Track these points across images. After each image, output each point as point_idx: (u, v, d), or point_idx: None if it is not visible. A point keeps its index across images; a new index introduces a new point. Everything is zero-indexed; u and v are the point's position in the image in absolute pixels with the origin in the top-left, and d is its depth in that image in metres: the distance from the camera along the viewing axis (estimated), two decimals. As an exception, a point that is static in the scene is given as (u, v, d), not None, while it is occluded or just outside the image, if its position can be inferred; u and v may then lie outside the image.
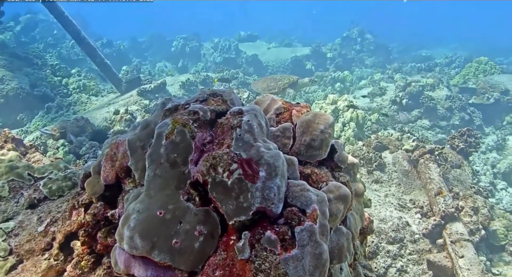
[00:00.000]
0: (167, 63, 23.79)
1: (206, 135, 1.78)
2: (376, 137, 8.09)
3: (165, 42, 26.69)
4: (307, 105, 2.43)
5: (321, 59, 21.54)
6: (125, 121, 10.12)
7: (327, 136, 2.06)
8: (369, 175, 7.28)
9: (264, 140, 1.72)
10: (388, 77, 16.65)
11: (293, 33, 31.85)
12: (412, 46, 29.62)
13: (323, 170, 2.06)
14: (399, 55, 26.38)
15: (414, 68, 18.11)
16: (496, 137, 11.48)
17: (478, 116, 12.38)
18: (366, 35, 23.81)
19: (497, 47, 29.74)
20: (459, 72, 16.44)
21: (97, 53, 12.78)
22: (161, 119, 1.93)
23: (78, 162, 7.91)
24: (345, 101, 9.88)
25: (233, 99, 2.05)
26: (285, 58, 21.63)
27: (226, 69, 16.99)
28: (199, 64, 22.08)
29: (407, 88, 12.43)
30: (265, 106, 2.41)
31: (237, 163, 1.56)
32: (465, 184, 7.31)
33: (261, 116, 1.88)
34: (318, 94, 15.48)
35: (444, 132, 11.55)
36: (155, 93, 12.39)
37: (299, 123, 2.11)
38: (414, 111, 12.07)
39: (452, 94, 12.63)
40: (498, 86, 12.93)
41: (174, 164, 1.64)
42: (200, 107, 1.87)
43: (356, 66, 21.03)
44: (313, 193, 1.64)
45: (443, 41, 34.30)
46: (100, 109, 12.11)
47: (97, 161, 2.17)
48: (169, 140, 1.67)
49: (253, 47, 23.75)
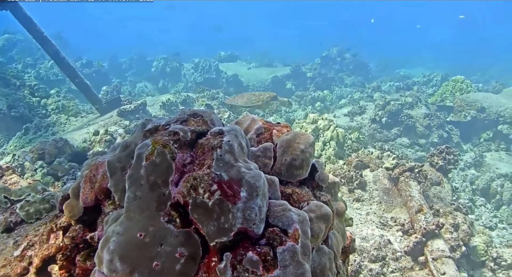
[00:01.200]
0: (148, 84, 23.77)
1: (187, 155, 1.77)
2: (357, 156, 8.15)
3: (146, 62, 26.71)
4: (287, 125, 2.45)
5: (301, 78, 21.76)
6: (105, 142, 10.02)
7: (307, 155, 2.07)
8: (350, 193, 7.31)
9: (245, 160, 1.72)
10: (367, 96, 16.87)
11: (273, 53, 32.23)
12: (391, 65, 30.23)
13: (304, 190, 2.06)
14: (378, 74, 26.87)
15: (393, 87, 18.41)
16: (474, 154, 11.66)
17: (456, 134, 12.59)
18: (345, 54, 24.20)
19: (472, 65, 30.53)
20: (436, 90, 16.75)
21: (76, 73, 12.70)
22: (141, 140, 1.92)
23: (56, 184, 7.79)
24: (325, 120, 9.95)
25: (213, 120, 2.06)
26: (265, 78, 21.81)
27: (206, 89, 17.02)
28: (179, 84, 22.11)
29: (386, 106, 12.59)
30: (246, 126, 2.41)
31: (218, 184, 1.55)
32: (445, 201, 7.38)
33: (242, 136, 1.88)
34: (299, 113, 15.60)
35: (424, 149, 11.70)
36: (136, 114, 12.32)
37: (279, 143, 2.12)
38: (393, 129, 12.22)
39: (431, 112, 12.83)
40: (475, 104, 13.19)
41: (154, 186, 1.62)
42: (181, 127, 1.87)
43: (336, 85, 21.28)
44: (294, 213, 1.64)
45: (421, 60, 35.10)
46: (79, 130, 11.99)
47: (76, 183, 2.14)
48: (149, 161, 1.66)
49: (233, 67, 23.91)
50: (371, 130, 12.48)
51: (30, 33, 11.84)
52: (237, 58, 27.05)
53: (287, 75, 21.84)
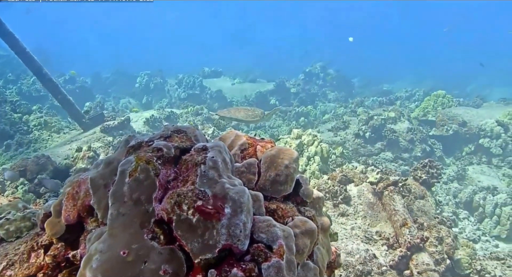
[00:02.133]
0: (131, 100, 23.70)
1: (171, 172, 1.76)
2: (341, 171, 8.18)
3: (129, 78, 26.66)
4: (271, 140, 2.45)
5: (285, 94, 21.89)
6: (87, 159, 9.92)
7: (291, 171, 2.07)
8: (335, 208, 7.31)
9: (229, 176, 1.72)
10: (351, 111, 17.01)
11: (257, 69, 32.40)
12: (373, 80, 30.59)
13: (289, 205, 2.06)
14: (361, 90, 27.19)
15: (376, 102, 18.59)
16: (456, 168, 11.79)
17: (438, 148, 12.74)
18: (328, 70, 24.46)
19: (453, 80, 31.08)
20: (419, 105, 16.98)
21: (59, 89, 12.59)
22: (125, 156, 1.90)
23: (38, 201, 7.68)
24: (309, 136, 9.99)
25: (197, 136, 2.05)
26: (249, 94, 21.90)
27: (190, 105, 17.01)
28: (163, 100, 22.09)
29: (369, 121, 12.70)
30: (230, 142, 2.41)
31: (202, 200, 1.55)
32: (429, 214, 7.42)
33: (226, 152, 1.88)
34: (283, 129, 15.66)
35: (407, 163, 11.79)
36: (119, 130, 12.24)
37: (263, 158, 2.12)
38: (377, 144, 12.31)
39: (413, 127, 12.98)
40: (456, 118, 13.39)
41: (137, 202, 1.61)
42: (164, 144, 1.86)
43: (320, 100, 21.44)
44: (279, 228, 1.64)
45: (403, 75, 35.60)
46: (62, 146, 11.85)
47: (58, 200, 2.11)
48: (133, 177, 1.64)
49: (217, 83, 23.99)
50: (355, 145, 12.55)
51: (12, 48, 11.73)
52: (221, 74, 27.14)
53: (271, 90, 21.95)
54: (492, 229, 9.30)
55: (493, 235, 9.22)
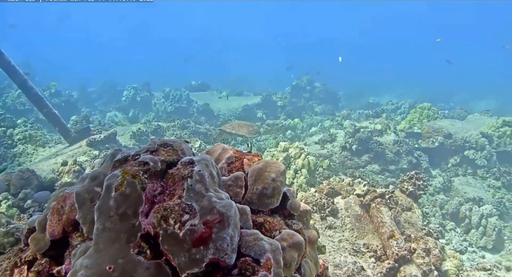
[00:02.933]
0: (118, 113, 23.55)
1: (157, 186, 1.75)
2: (328, 183, 8.18)
3: (116, 91, 26.56)
4: (258, 153, 2.46)
5: (272, 107, 21.96)
6: (73, 173, 9.82)
7: (278, 184, 2.07)
8: (322, 221, 7.31)
9: (216, 189, 1.71)
10: (337, 124, 17.10)
11: (244, 82, 32.55)
12: (360, 93, 30.85)
13: (276, 218, 2.06)
14: (347, 103, 27.42)
15: (362, 115, 18.70)
16: (442, 179, 11.88)
17: (424, 160, 12.83)
18: (315, 83, 24.59)
19: (437, 92, 31.51)
20: (404, 117, 17.14)
21: (44, 103, 12.48)
22: (111, 170, 1.89)
23: (22, 216, 7.56)
24: (296, 148, 10.01)
25: (183, 149, 2.05)
26: (236, 107, 21.93)
27: (177, 118, 16.98)
28: (150, 113, 21.99)
29: (356, 134, 12.76)
30: (216, 155, 2.41)
31: (189, 214, 1.54)
32: (416, 226, 7.45)
33: (213, 166, 1.88)
34: (270, 142, 15.66)
35: (394, 176, 11.84)
36: (105, 144, 12.14)
37: (250, 171, 2.12)
38: (363, 156, 12.36)
39: (399, 139, 13.06)
40: (442, 130, 13.53)
41: (124, 217, 1.59)
42: (151, 157, 1.85)
43: (306, 113, 21.52)
44: (266, 242, 1.63)
45: (389, 88, 35.98)
46: (47, 160, 11.72)
47: (42, 215, 2.09)
48: (119, 192, 1.63)
49: (204, 96, 23.99)
50: (341, 158, 12.58)
51: (-4, 62, 11.63)
52: (208, 87, 27.19)
53: (258, 104, 22.00)
54: (479, 240, 9.36)
55: (479, 246, 9.27)
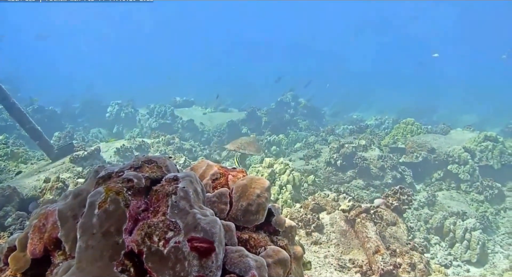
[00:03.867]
0: (102, 129, 23.39)
1: (141, 203, 1.74)
2: (313, 199, 8.19)
3: (100, 107, 26.36)
4: (243, 170, 2.46)
5: (257, 123, 21.99)
6: (56, 190, 9.68)
7: (263, 200, 2.07)
8: (307, 236, 7.29)
9: (200, 206, 1.71)
10: (322, 139, 17.17)
11: (228, 98, 32.64)
12: (344, 109, 31.10)
13: (261, 235, 2.06)
14: (332, 118, 27.62)
15: (347, 130, 18.84)
16: (426, 194, 11.95)
17: (409, 174, 12.91)
18: (299, 99, 24.76)
19: (421, 107, 31.96)
20: (388, 132, 17.27)
21: (27, 119, 12.34)
22: (94, 187, 1.87)
23: (2, 234, 7.42)
24: (281, 164, 10.02)
25: (168, 166, 2.04)
26: (221, 123, 21.93)
27: (162, 134, 16.91)
28: (134, 130, 21.89)
29: (340, 149, 12.81)
30: (201, 172, 2.41)
31: (173, 231, 1.53)
32: (401, 241, 7.47)
33: (197, 182, 1.87)
34: (255, 157, 15.67)
35: (378, 191, 11.89)
36: (89, 160, 12.04)
37: (235, 188, 2.12)
38: (348, 171, 12.41)
39: (384, 154, 13.14)
40: (425, 145, 13.66)
41: (107, 234, 1.57)
42: (134, 174, 1.84)
43: (291, 129, 21.58)
44: (251, 258, 1.62)
45: (372, 103, 36.33)
46: (29, 177, 11.55)
47: (23, 233, 2.05)
48: (102, 209, 1.62)
49: (189, 112, 23.96)
50: (326, 173, 12.62)
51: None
52: (192, 103, 27.17)
53: (243, 119, 22.02)
54: (463, 253, 9.40)
55: (464, 259, 9.31)
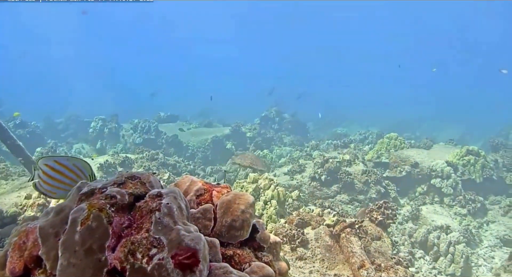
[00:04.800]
0: (85, 145, 23.19)
1: (124, 219, 1.72)
2: (298, 214, 8.18)
3: (83, 123, 26.18)
4: (227, 185, 2.46)
5: (241, 138, 22.03)
6: (37, 206, 9.53)
7: (248, 216, 2.07)
8: (292, 252, 7.27)
9: (184, 222, 1.70)
10: (306, 154, 17.21)
11: (213, 114, 32.71)
12: (328, 124, 31.32)
13: (246, 251, 2.05)
14: (316, 133, 27.82)
15: (331, 145, 18.94)
16: (410, 208, 12.02)
17: (393, 189, 13.00)
18: (283, 114, 24.93)
19: (404, 122, 32.36)
20: (372, 147, 17.41)
21: (8, 134, 12.17)
22: (77, 204, 1.85)
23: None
24: (265, 180, 10.02)
25: (152, 182, 2.03)
26: (205, 138, 21.89)
27: (146, 150, 16.83)
28: (118, 145, 21.75)
29: (325, 164, 12.86)
30: (185, 187, 2.40)
31: (157, 247, 1.51)
32: (385, 255, 7.48)
33: (181, 198, 1.86)
34: (239, 173, 15.65)
35: (363, 205, 11.93)
36: (72, 176, 11.89)
37: (219, 204, 2.11)
38: (333, 186, 12.44)
39: (368, 169, 13.23)
40: (408, 159, 13.80)
41: (89, 252, 1.55)
42: (118, 190, 1.83)
43: (275, 144, 21.66)
44: (236, 275, 1.62)
45: (356, 118, 36.65)
46: (10, 193, 11.36)
47: (3, 252, 2.01)
48: (85, 226, 1.60)
49: (173, 128, 23.91)
50: (311, 188, 12.63)
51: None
52: (176, 118, 27.15)
53: (227, 135, 22.04)
54: (447, 267, 9.46)
55: (448, 273, 9.36)
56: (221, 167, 17.49)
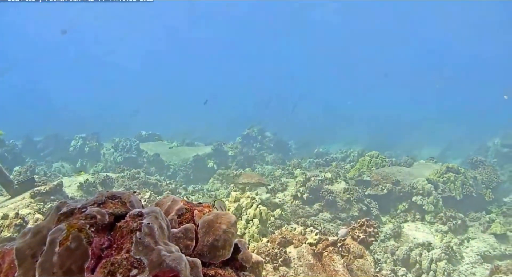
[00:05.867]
0: (65, 163, 22.89)
1: (104, 240, 1.70)
2: (280, 233, 8.16)
3: (63, 141, 25.88)
4: (209, 204, 2.44)
5: (223, 157, 22.02)
6: (14, 227, 9.33)
7: (230, 235, 2.06)
8: (275, 271, 7.22)
9: (165, 242, 1.68)
10: (288, 173, 17.23)
11: (195, 133, 32.69)
12: (310, 142, 31.50)
13: (228, 271, 2.03)
14: (298, 152, 27.88)
15: (313, 163, 19.03)
16: (392, 225, 12.08)
17: (374, 206, 13.07)
18: (265, 133, 25.03)
19: (385, 140, 32.75)
20: (354, 165, 17.51)
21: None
22: (55, 224, 1.82)
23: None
24: (247, 198, 9.98)
25: (132, 201, 2.01)
26: (187, 157, 21.82)
27: (127, 169, 16.68)
28: (98, 164, 21.52)
29: (307, 183, 12.88)
30: (166, 207, 2.38)
31: (137, 268, 1.49)
32: (368, 273, 7.47)
33: (162, 218, 1.84)
34: (221, 192, 15.58)
35: (345, 223, 11.95)
36: (51, 195, 11.70)
37: (201, 223, 2.10)
38: (315, 204, 12.45)
39: (349, 187, 13.28)
40: (390, 177, 13.91)
41: (68, 273, 1.52)
42: (98, 210, 1.80)
43: (257, 163, 21.68)
44: (217, 295, 1.60)
45: (337, 137, 36.95)
46: (-14, 214, 11.14)
47: (-21, 275, 1.97)
48: (64, 246, 1.57)
49: (154, 147, 23.78)
50: (293, 207, 12.62)
51: None
52: (158, 137, 27.05)
53: (209, 154, 22.01)
54: (430, 285, 9.49)
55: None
56: (202, 187, 17.42)
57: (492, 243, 11.20)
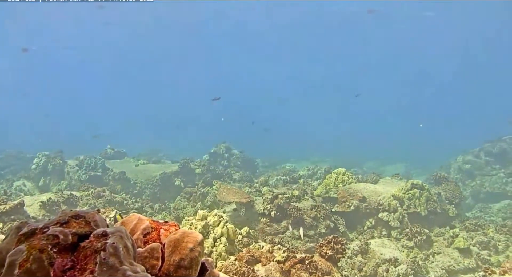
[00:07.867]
0: (26, 182, 22.24)
1: (67, 260, 1.65)
2: (248, 251, 8.12)
3: (25, 159, 25.24)
4: (175, 223, 2.41)
5: (190, 175, 21.85)
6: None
7: (196, 254, 2.03)
8: (243, 290, 7.16)
9: (131, 262, 1.64)
10: (256, 190, 17.21)
11: (161, 150, 32.45)
12: (277, 160, 31.67)
13: (194, 290, 2.00)
14: (265, 169, 28.00)
15: (280, 181, 19.06)
16: (359, 242, 12.19)
17: (342, 223, 13.16)
18: (233, 150, 25.02)
19: (351, 158, 33.23)
20: (321, 182, 17.63)
21: None
22: (15, 245, 1.76)
23: None
24: (215, 216, 9.91)
25: (97, 221, 1.96)
26: (153, 175, 21.57)
27: (91, 187, 16.35)
28: (62, 182, 21.02)
29: (274, 200, 12.89)
30: (132, 226, 2.34)
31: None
32: (336, 291, 7.50)
33: (127, 237, 1.81)
34: (188, 210, 15.42)
35: (313, 240, 11.98)
36: (11, 215, 11.34)
37: (167, 242, 2.07)
38: (282, 222, 12.45)
39: (317, 204, 13.35)
40: (356, 194, 14.07)
41: (28, 297, 1.47)
42: (61, 230, 1.75)
43: (225, 180, 21.58)
44: (184, 316, 1.57)
45: (304, 154, 37.26)
46: None
47: None
48: (23, 269, 1.52)
49: (120, 164, 23.45)
50: (261, 224, 12.59)
51: None
52: (124, 155, 26.67)
53: (176, 171, 21.81)
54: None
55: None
56: (169, 205, 17.21)
57: (456, 257, 11.43)
